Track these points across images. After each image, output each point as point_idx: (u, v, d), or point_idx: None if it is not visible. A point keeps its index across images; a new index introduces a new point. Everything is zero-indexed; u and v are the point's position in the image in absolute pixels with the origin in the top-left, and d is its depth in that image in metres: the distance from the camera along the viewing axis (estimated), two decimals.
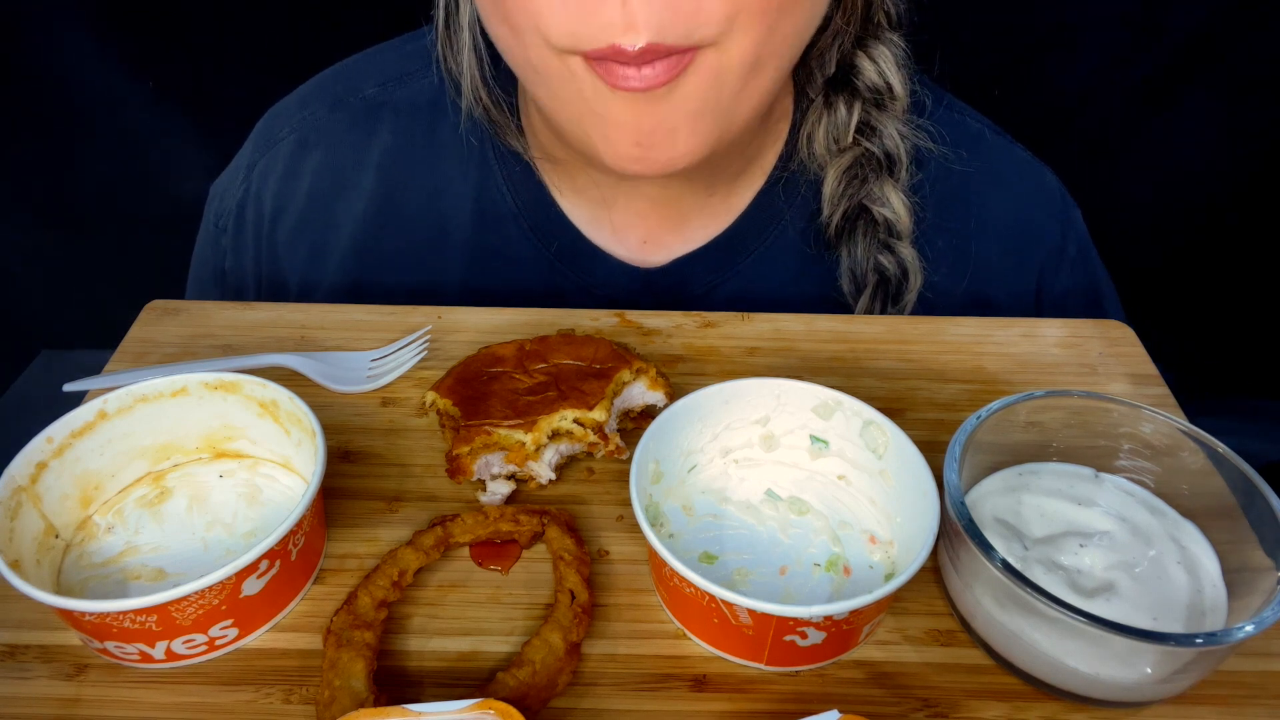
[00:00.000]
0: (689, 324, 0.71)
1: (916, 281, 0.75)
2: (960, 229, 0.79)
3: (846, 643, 0.48)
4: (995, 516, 0.53)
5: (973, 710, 0.47)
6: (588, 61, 0.58)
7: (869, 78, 0.72)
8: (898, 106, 0.73)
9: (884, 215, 0.74)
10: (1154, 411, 0.53)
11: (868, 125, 0.74)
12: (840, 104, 0.73)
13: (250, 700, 0.47)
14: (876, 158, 0.74)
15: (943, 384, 0.67)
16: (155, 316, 0.72)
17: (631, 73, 0.57)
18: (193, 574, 0.45)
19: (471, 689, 0.48)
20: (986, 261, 0.80)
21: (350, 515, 0.57)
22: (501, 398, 0.58)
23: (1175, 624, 0.47)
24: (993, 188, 0.81)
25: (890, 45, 0.72)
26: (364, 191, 0.81)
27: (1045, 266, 0.83)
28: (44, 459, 0.52)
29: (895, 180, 0.74)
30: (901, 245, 0.75)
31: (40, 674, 0.49)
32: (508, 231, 0.79)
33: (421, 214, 0.80)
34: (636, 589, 0.53)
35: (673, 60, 0.57)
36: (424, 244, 0.80)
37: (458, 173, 0.79)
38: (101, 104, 1.24)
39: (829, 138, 0.74)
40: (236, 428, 0.58)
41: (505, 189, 0.79)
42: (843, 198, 0.75)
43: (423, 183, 0.80)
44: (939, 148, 0.76)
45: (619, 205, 0.77)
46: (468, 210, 0.79)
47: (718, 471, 0.58)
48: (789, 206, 0.79)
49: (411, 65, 0.81)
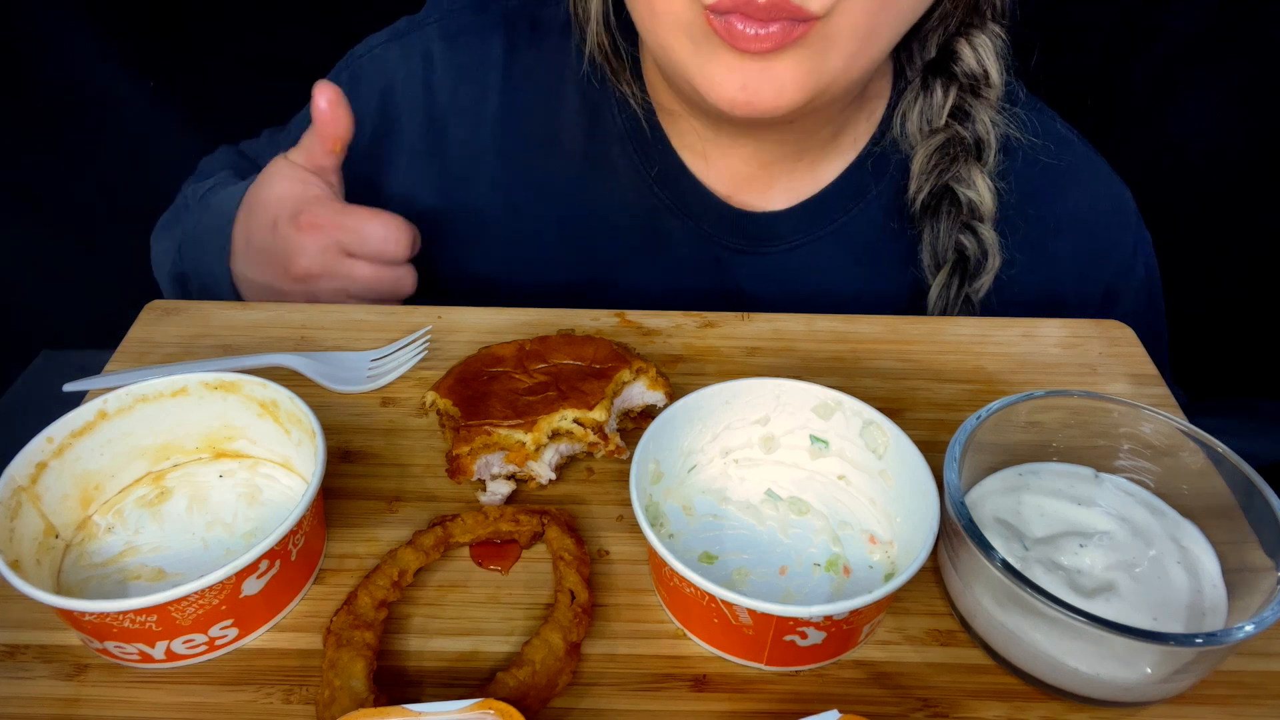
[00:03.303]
0: (689, 324, 0.71)
1: (995, 263, 0.77)
2: (1041, 221, 0.81)
3: (846, 643, 0.48)
4: (995, 516, 0.53)
5: (973, 710, 0.47)
6: (709, 19, 0.61)
7: (968, 64, 0.75)
8: (993, 94, 0.76)
9: (968, 196, 0.76)
10: (1154, 411, 0.53)
11: (961, 110, 0.76)
12: (938, 87, 0.76)
13: (250, 700, 0.47)
14: (966, 141, 0.76)
15: (942, 384, 0.67)
16: (155, 316, 0.72)
17: (751, 32, 0.60)
18: (193, 574, 0.45)
19: (471, 689, 0.48)
20: (1060, 259, 0.82)
21: (350, 515, 0.57)
22: (501, 398, 0.58)
23: (1175, 624, 0.47)
24: (1075, 188, 0.83)
25: (991, 35, 0.75)
26: (491, 91, 0.83)
27: (1114, 282, 0.84)
28: (44, 459, 0.52)
29: (983, 164, 0.76)
30: (983, 227, 0.77)
31: (40, 674, 0.48)
32: (614, 151, 0.82)
33: (539, 119, 0.83)
34: (636, 589, 0.53)
35: (786, 27, 0.60)
36: (537, 151, 0.83)
37: (577, 93, 0.82)
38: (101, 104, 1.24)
39: (923, 118, 0.77)
40: (236, 428, 0.58)
41: (618, 113, 0.81)
42: (930, 176, 0.77)
43: (545, 92, 0.83)
44: (1028, 138, 0.78)
45: (713, 158, 0.80)
46: (581, 126, 0.82)
47: (718, 471, 0.58)
48: (876, 184, 0.81)
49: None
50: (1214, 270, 1.29)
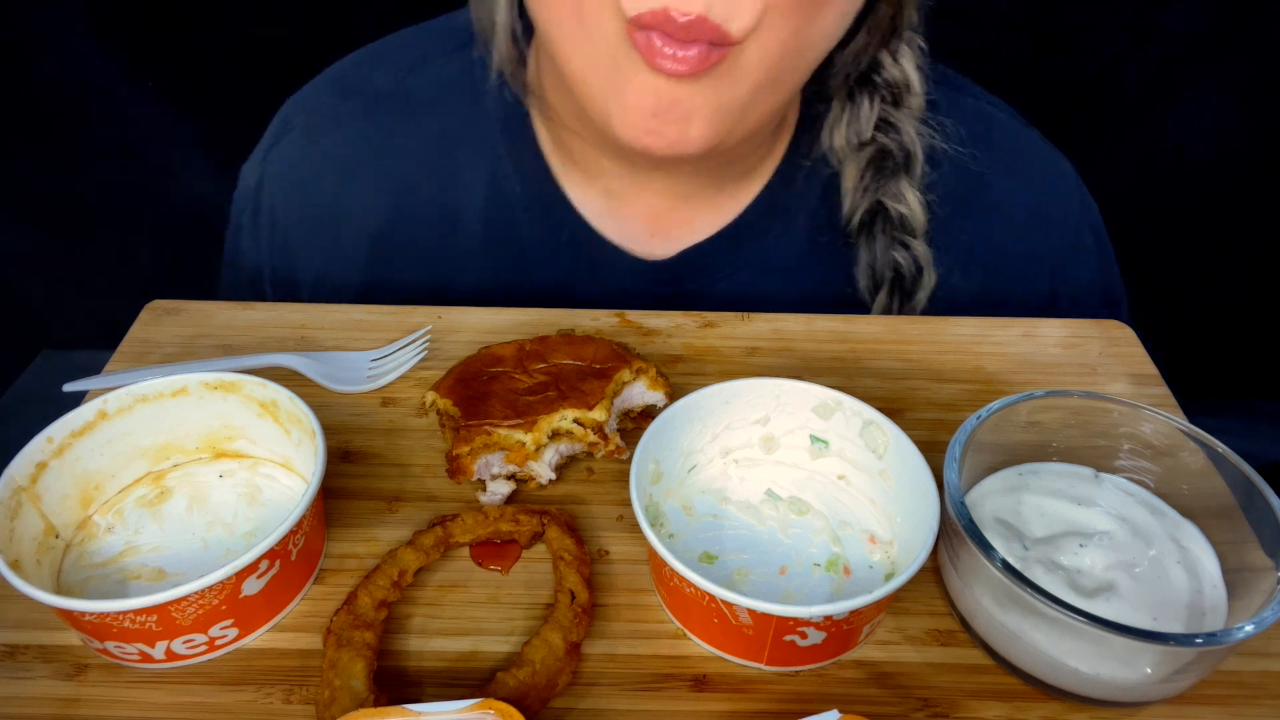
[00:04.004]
0: (689, 324, 0.71)
1: (930, 279, 0.77)
2: (974, 226, 0.80)
3: (846, 643, 0.48)
4: (995, 516, 0.52)
5: (973, 710, 0.47)
6: (631, 34, 0.60)
7: (889, 73, 0.74)
8: (915, 103, 0.75)
9: (899, 211, 0.75)
10: (1154, 411, 0.53)
11: (886, 121, 0.75)
12: (864, 100, 0.75)
13: (250, 700, 0.47)
14: (894, 154, 0.75)
15: (942, 384, 0.67)
16: (155, 316, 0.72)
17: (669, 51, 0.60)
18: (193, 574, 0.45)
19: (471, 689, 0.48)
20: (1001, 252, 0.81)
21: (350, 515, 0.57)
22: (501, 398, 0.58)
23: (1175, 624, 0.47)
24: (1008, 177, 0.82)
25: (911, 44, 0.74)
26: (375, 180, 0.81)
27: (1061, 256, 0.83)
28: (44, 459, 0.52)
29: (911, 177, 0.76)
30: (915, 242, 0.76)
31: (40, 674, 0.48)
32: (517, 220, 0.80)
33: (433, 202, 0.81)
34: (636, 589, 0.53)
35: (704, 51, 0.60)
36: (435, 233, 0.81)
37: (469, 161, 0.80)
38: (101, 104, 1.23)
39: (850, 131, 0.76)
40: (236, 428, 0.58)
41: (515, 178, 0.80)
42: (865, 192, 0.76)
43: (433, 172, 0.81)
44: (953, 146, 0.77)
45: (627, 196, 0.78)
46: (479, 198, 0.80)
47: (718, 471, 0.58)
48: (800, 199, 0.80)
49: (423, 53, 0.82)
50: (1214, 270, 1.29)
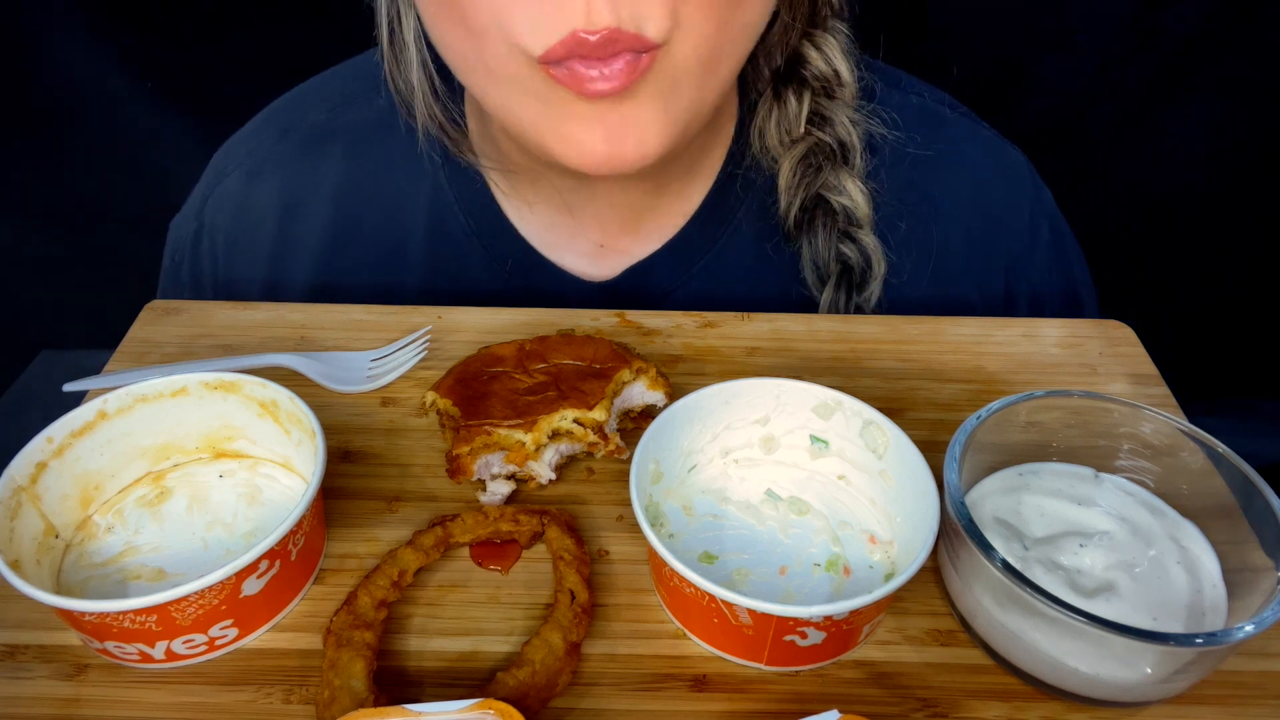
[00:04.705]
0: (689, 324, 0.71)
1: (880, 270, 0.74)
2: (921, 213, 0.78)
3: (846, 643, 0.48)
4: (995, 516, 0.53)
5: (973, 710, 0.47)
6: (549, 72, 0.57)
7: (816, 67, 0.72)
8: (846, 93, 0.73)
9: (841, 204, 0.73)
10: (1154, 411, 0.53)
11: (818, 115, 0.73)
12: (790, 96, 0.73)
13: (250, 700, 0.47)
14: (829, 147, 0.73)
15: (942, 384, 0.67)
16: (155, 316, 0.72)
17: (595, 73, 0.56)
18: (193, 574, 0.45)
19: (471, 689, 0.48)
20: (950, 248, 0.79)
21: (350, 515, 0.57)
22: (501, 398, 0.58)
23: (1175, 624, 0.47)
24: (953, 168, 0.79)
25: (835, 33, 0.72)
26: (317, 219, 0.81)
27: (1015, 254, 0.81)
28: (44, 459, 0.52)
29: (850, 168, 0.74)
30: (862, 234, 0.74)
31: (40, 674, 0.48)
32: (462, 249, 0.79)
33: (376, 237, 0.80)
34: (636, 589, 0.53)
35: (630, 61, 0.57)
36: (381, 267, 0.80)
37: (409, 193, 0.79)
38: (101, 104, 1.24)
39: (780, 130, 0.74)
40: (236, 428, 0.58)
41: (457, 207, 0.79)
42: (799, 189, 0.74)
43: (375, 206, 0.80)
44: (892, 132, 0.75)
45: (580, 210, 0.77)
46: (421, 230, 0.79)
47: (718, 471, 0.58)
48: (741, 205, 0.78)
49: (356, 88, 0.81)
50: (1214, 270, 1.29)
